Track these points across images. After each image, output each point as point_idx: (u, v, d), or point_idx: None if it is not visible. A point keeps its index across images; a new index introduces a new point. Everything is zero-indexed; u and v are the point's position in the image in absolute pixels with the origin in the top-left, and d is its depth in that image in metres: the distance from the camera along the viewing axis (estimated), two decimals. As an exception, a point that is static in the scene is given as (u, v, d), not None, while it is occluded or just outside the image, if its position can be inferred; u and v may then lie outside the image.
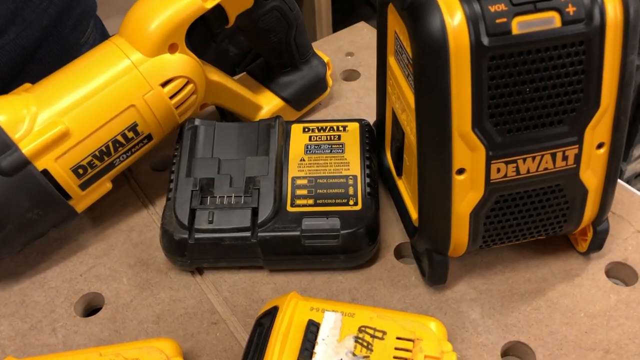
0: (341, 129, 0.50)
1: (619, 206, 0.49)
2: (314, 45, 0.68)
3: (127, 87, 0.46)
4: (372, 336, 0.38)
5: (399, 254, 0.48)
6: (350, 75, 0.66)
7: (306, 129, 0.50)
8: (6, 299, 0.47)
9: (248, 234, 0.44)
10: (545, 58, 0.36)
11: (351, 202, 0.45)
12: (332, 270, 0.47)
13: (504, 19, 0.35)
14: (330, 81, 0.61)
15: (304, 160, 0.48)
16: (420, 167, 0.40)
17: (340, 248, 0.44)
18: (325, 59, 0.60)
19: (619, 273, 0.46)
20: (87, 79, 0.45)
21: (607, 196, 0.42)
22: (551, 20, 0.35)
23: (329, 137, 0.50)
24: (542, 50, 0.35)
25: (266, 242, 0.44)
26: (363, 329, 0.38)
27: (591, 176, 0.40)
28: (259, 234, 0.44)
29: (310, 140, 0.49)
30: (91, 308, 0.47)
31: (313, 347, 0.37)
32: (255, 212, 0.45)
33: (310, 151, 0.49)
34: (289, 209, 0.45)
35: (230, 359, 0.42)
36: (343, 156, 0.48)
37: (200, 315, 0.45)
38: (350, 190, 0.46)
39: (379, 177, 0.51)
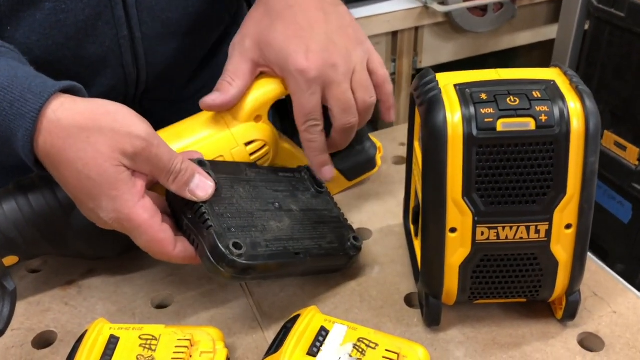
0: (376, 195, 0.63)
1: (602, 290, 0.58)
2: (376, 134, 0.83)
3: (221, 141, 0.61)
4: (367, 346, 0.48)
5: (409, 302, 0.59)
6: (400, 160, 0.79)
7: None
8: (104, 288, 0.61)
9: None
10: (522, 151, 0.48)
11: (373, 251, 0.58)
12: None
13: (491, 119, 0.47)
14: (379, 162, 0.74)
15: (342, 214, 0.61)
16: (424, 224, 0.52)
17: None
18: (378, 143, 0.74)
19: (590, 343, 0.54)
20: (194, 131, 0.61)
21: (576, 270, 0.51)
22: (527, 124, 0.47)
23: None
24: (520, 145, 0.47)
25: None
26: (361, 339, 0.49)
27: (561, 250, 0.50)
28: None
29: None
30: (164, 304, 0.60)
31: (320, 347, 0.48)
32: None
33: (348, 209, 0.62)
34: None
35: (260, 350, 0.53)
36: (374, 216, 0.61)
37: (243, 321, 0.57)
38: (375, 242, 0.58)
39: (406, 238, 0.63)
